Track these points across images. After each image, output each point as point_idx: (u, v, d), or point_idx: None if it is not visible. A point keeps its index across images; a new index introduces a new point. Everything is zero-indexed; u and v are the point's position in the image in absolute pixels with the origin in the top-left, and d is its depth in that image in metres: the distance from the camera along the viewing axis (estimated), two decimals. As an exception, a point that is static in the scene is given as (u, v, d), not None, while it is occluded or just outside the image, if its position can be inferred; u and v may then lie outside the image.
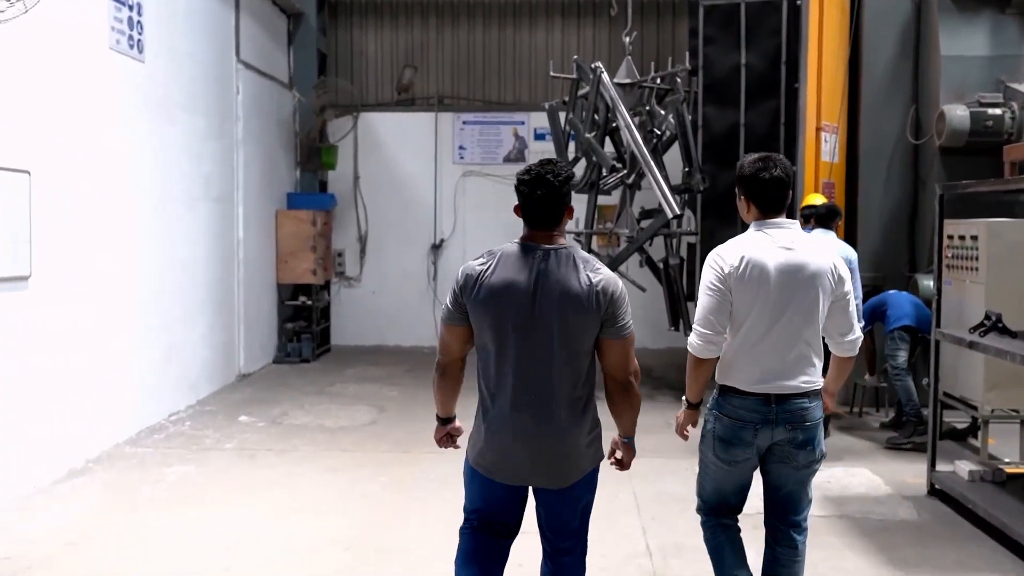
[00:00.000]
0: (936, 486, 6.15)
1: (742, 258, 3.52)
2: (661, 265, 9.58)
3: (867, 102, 9.02)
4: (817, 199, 7.85)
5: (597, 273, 3.20)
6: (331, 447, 7.53)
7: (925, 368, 7.58)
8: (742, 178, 3.65)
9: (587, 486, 3.36)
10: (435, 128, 13.03)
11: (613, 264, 9.44)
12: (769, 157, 3.62)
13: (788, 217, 3.66)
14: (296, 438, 7.81)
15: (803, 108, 8.73)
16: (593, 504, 3.46)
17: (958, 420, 7.76)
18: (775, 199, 3.59)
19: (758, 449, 3.61)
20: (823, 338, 3.69)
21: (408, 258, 13.15)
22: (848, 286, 3.61)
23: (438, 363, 3.44)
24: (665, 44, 12.73)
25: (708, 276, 3.59)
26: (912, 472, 6.73)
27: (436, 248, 13.16)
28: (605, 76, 9.17)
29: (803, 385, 3.54)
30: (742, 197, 3.69)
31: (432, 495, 6.14)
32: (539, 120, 12.70)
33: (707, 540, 3.88)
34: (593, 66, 9.22)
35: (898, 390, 7.64)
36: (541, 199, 3.20)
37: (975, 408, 6.73)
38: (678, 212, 8.61)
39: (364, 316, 13.18)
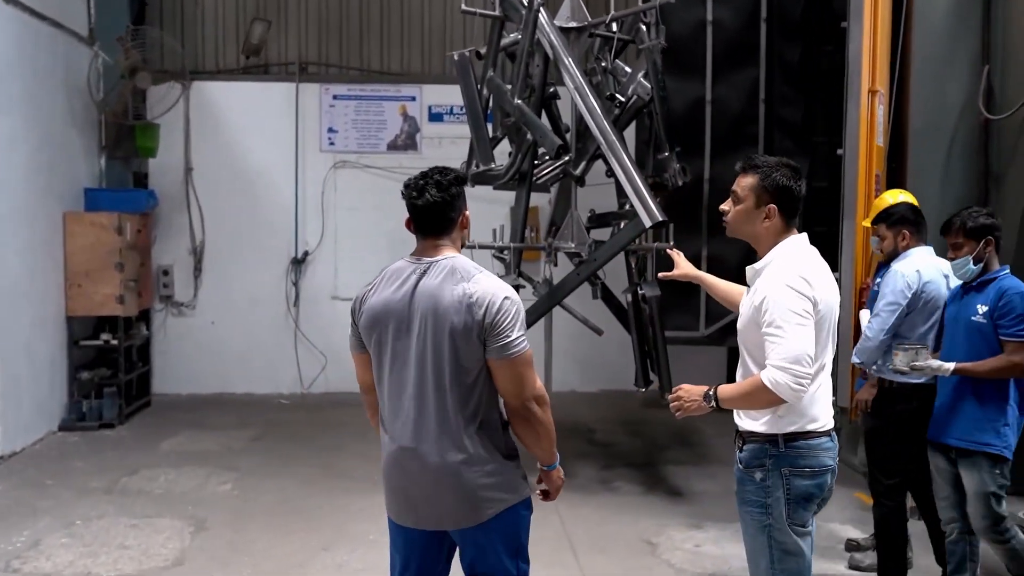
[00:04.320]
0: None
1: (827, 280, 3.17)
2: (628, 298, 6.49)
3: (919, 62, 6.41)
4: (899, 196, 5.05)
5: (473, 283, 2.96)
6: (85, 637, 4.24)
7: None
8: (783, 188, 3.15)
9: (513, 523, 3.05)
10: (296, 104, 10.14)
11: (553, 296, 6.43)
12: (793, 164, 3.25)
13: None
14: (29, 613, 4.49)
15: (854, 61, 5.94)
16: (527, 548, 3.13)
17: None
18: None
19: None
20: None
21: (260, 277, 10.14)
22: None
23: (361, 390, 3.27)
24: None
25: (798, 304, 3.05)
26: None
27: (298, 263, 10.15)
28: (544, 14, 6.16)
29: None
30: (779, 213, 3.16)
31: None
32: (435, 95, 10.11)
33: None
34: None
35: (1008, 552, 4.30)
36: (429, 204, 3.01)
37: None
38: (661, 218, 5.68)
39: (201, 355, 10.06)
